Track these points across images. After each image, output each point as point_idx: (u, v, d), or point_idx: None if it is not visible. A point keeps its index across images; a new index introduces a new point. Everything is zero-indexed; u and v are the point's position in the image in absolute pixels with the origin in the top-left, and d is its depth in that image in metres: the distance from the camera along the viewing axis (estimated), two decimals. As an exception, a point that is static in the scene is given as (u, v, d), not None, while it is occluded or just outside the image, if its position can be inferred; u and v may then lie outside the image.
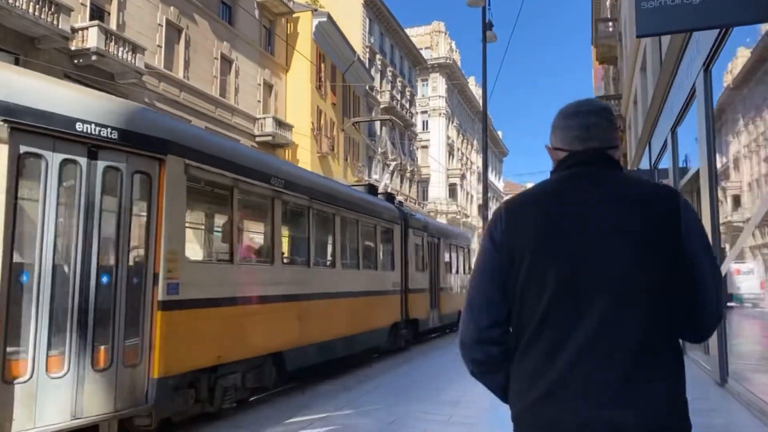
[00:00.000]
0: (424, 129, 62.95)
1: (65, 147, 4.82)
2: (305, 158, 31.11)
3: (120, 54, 19.39)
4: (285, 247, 8.34)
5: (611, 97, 22.95)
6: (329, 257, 9.43)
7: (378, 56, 45.67)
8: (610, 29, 26.25)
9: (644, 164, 14.44)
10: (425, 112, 64.59)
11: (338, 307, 9.08)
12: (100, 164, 5.04)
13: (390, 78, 48.40)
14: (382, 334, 11.24)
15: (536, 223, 1.55)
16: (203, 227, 7.80)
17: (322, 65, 33.74)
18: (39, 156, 4.70)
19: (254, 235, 8.08)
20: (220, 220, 7.37)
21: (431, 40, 68.87)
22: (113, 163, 5.14)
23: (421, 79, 64.55)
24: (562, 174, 1.65)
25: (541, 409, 1.48)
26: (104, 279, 5.05)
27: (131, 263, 5.33)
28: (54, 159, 4.77)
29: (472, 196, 75.26)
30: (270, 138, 28.63)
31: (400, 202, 15.07)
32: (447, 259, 17.16)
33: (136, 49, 20.06)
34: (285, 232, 8.20)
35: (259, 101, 29.32)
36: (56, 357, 4.67)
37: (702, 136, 7.23)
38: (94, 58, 18.51)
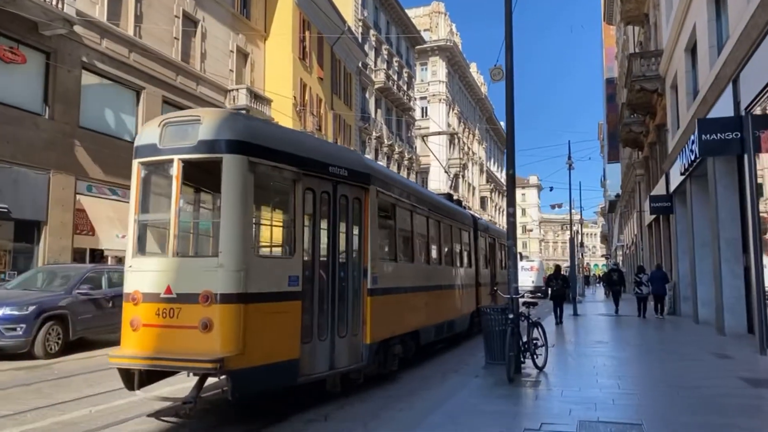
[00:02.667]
0: (423, 116, 58.91)
1: (323, 184, 7.00)
2: (287, 137, 27.19)
3: (41, -4, 15.50)
4: (417, 249, 10.16)
5: (645, 54, 19.03)
6: (437, 256, 11.40)
7: (372, 32, 41.68)
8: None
9: (721, 112, 10.57)
10: (424, 98, 60.65)
11: (444, 297, 11.38)
12: (338, 194, 7.21)
13: (386, 57, 44.42)
14: (466, 321, 13.33)
15: None
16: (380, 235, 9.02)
17: (307, 33, 29.78)
18: (312, 189, 6.85)
19: (403, 239, 9.50)
20: (388, 230, 8.90)
21: (431, 21, 64.87)
22: (345, 192, 7.34)
23: (420, 63, 60.64)
24: None
25: None
26: (341, 274, 7.26)
27: (353, 262, 7.48)
28: (318, 191, 6.94)
29: (474, 188, 71.18)
30: (243, 112, 24.66)
31: (465, 206, 16.75)
32: (499, 256, 19.20)
33: (64, -9, 16.16)
34: (416, 236, 10.06)
35: (231, 70, 25.38)
36: (322, 327, 6.81)
37: None
38: (2, -3, 14.65)
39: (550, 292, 17.50)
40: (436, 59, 61.66)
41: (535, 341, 7.77)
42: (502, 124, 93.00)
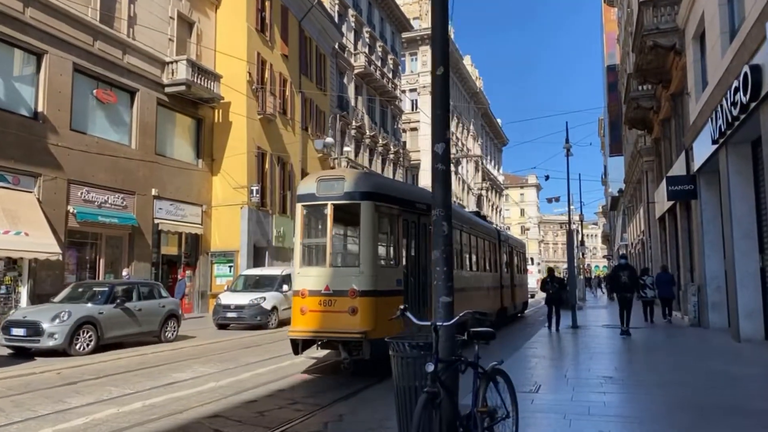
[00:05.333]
0: (413, 109, 55.27)
1: (412, 215, 10.28)
2: (240, 121, 23.50)
3: None
4: (464, 259, 14.30)
5: (659, 2, 15.35)
6: (476, 264, 15.53)
7: (351, 12, 38.03)
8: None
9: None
10: (414, 90, 57.04)
11: (480, 296, 15.24)
12: (420, 222, 10.43)
13: (367, 40, 40.74)
14: (494, 316, 16.75)
15: None
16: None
17: (267, 3, 26.12)
18: (407, 220, 10.10)
19: (456, 252, 12.49)
20: None
21: (420, 8, 61.26)
22: (424, 221, 10.37)
23: (410, 53, 57.11)
24: None
25: None
26: (422, 278, 10.31)
27: (429, 270, 9.73)
28: (410, 221, 10.19)
29: (469, 186, 67.47)
30: (183, 88, 21.01)
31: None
32: (516, 262, 22.70)
33: None
34: (463, 249, 13.94)
35: (171, 39, 21.71)
36: (419, 312, 9.45)
37: None
38: None
39: (545, 296, 15.96)
40: (426, 49, 57.90)
41: (492, 411, 3.93)
42: (499, 121, 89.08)
